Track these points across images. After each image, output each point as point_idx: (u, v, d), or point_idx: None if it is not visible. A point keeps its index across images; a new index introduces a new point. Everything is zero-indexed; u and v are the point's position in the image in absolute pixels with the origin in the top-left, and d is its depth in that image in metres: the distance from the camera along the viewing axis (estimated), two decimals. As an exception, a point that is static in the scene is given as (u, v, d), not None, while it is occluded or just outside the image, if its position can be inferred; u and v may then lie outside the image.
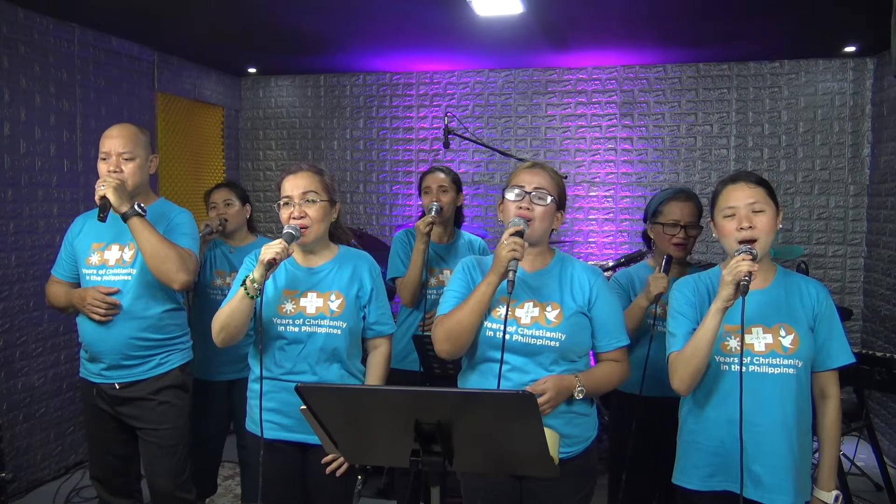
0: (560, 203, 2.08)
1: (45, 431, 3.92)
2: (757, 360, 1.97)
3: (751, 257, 1.88)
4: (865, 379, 3.01)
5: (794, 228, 5.03)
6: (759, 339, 1.98)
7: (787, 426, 1.95)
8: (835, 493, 1.99)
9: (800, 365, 1.96)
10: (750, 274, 1.84)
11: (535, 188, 2.03)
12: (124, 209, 2.39)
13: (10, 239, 3.69)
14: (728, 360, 1.99)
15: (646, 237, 2.80)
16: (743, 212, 1.98)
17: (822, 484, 2.01)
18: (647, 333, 2.58)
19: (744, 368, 1.94)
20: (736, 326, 1.94)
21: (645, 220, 2.78)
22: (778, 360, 1.96)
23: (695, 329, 1.98)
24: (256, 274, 2.08)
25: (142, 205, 2.45)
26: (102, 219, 2.39)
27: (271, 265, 2.05)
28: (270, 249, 2.06)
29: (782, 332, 1.98)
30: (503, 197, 2.07)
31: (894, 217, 4.40)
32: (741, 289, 1.84)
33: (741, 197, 1.99)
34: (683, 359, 1.97)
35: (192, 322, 3.32)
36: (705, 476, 2.03)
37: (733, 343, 1.98)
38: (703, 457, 2.04)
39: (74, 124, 4.06)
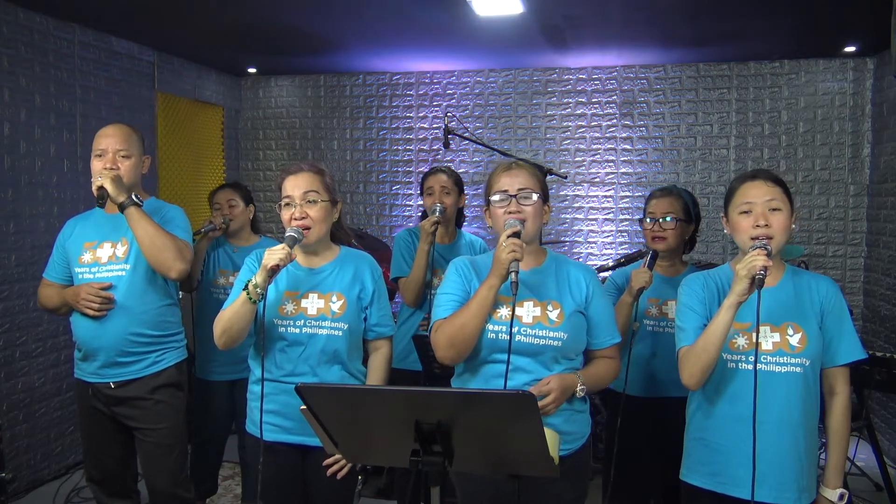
0: (544, 196, 2.09)
1: (45, 431, 3.92)
2: (764, 358, 1.95)
3: (766, 252, 1.87)
4: (865, 379, 3.01)
5: (794, 228, 5.02)
6: (766, 338, 1.97)
7: (793, 425, 1.94)
8: (840, 491, 1.97)
9: (807, 364, 1.94)
10: (766, 268, 1.82)
11: (519, 189, 2.03)
12: (121, 199, 2.43)
13: (10, 239, 3.69)
14: (736, 357, 1.98)
15: None
16: (759, 209, 1.97)
17: (827, 482, 1.99)
18: (642, 331, 2.59)
19: (751, 367, 1.93)
20: (744, 324, 1.93)
21: None
22: (785, 358, 1.95)
23: (705, 325, 1.96)
24: (259, 279, 2.06)
25: (138, 196, 2.48)
26: (101, 206, 2.47)
27: (274, 271, 2.04)
28: (274, 255, 2.04)
29: (790, 331, 1.97)
30: (488, 202, 2.07)
31: (894, 217, 4.40)
32: (756, 283, 1.82)
33: (759, 194, 1.98)
34: (694, 353, 1.95)
35: (196, 321, 3.33)
36: (710, 474, 2.02)
37: (741, 341, 1.97)
38: (709, 454, 2.03)
39: (74, 124, 4.06)
